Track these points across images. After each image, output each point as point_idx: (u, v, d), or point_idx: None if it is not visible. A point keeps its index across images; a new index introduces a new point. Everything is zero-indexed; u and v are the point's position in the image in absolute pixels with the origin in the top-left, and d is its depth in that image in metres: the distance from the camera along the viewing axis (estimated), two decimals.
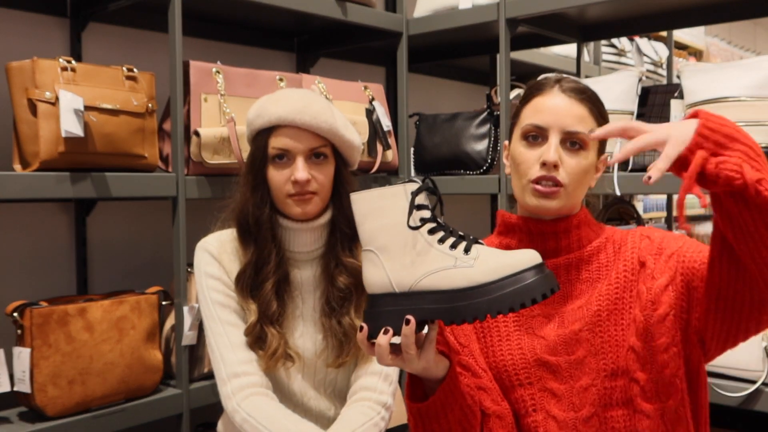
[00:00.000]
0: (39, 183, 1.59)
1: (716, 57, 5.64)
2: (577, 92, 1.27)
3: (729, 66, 1.80)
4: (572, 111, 1.25)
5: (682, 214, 1.10)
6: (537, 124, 1.25)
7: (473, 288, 1.06)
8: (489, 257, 1.08)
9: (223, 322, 1.50)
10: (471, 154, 2.33)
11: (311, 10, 2.13)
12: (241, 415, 1.43)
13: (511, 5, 2.19)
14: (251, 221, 1.50)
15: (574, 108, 1.25)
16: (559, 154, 1.23)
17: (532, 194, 1.24)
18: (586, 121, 1.25)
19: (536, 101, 1.28)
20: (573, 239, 1.29)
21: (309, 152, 1.48)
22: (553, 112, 1.25)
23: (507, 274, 1.06)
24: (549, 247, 1.29)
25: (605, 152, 1.34)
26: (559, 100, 1.26)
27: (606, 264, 1.29)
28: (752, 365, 1.72)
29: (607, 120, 1.31)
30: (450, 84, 3.23)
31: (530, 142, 1.26)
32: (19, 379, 1.57)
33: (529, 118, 1.27)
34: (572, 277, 1.29)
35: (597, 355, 1.23)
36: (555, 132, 1.24)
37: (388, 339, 1.09)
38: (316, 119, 1.46)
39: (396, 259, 1.10)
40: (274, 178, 1.49)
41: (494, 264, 1.07)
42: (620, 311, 1.25)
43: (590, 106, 1.27)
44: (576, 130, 1.24)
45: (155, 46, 2.17)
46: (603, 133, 1.14)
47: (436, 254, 1.09)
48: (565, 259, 1.29)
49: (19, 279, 1.94)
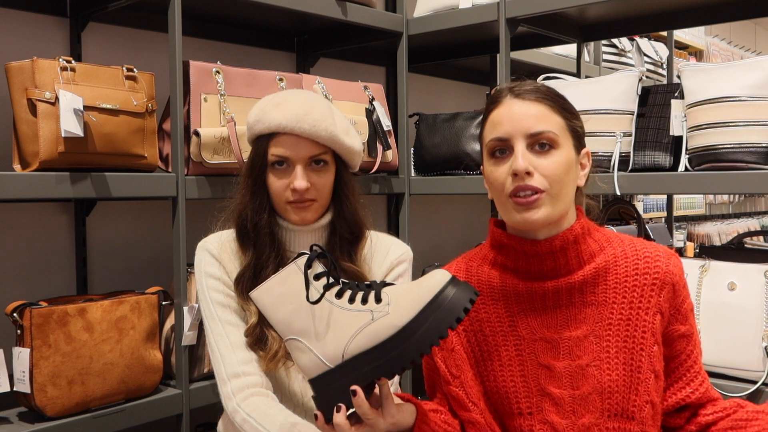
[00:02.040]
0: (39, 183, 1.59)
1: (716, 57, 5.64)
2: (531, 92, 1.21)
3: (729, 66, 1.80)
4: (530, 112, 1.19)
5: None
6: (498, 137, 1.19)
7: (398, 333, 1.04)
8: (401, 297, 1.06)
9: (223, 322, 1.49)
10: (471, 154, 2.33)
11: (311, 10, 2.13)
12: (241, 415, 1.42)
13: (511, 5, 2.19)
14: (250, 225, 1.50)
15: (531, 108, 1.19)
16: (528, 160, 1.16)
17: (514, 209, 1.18)
18: (548, 118, 1.19)
19: (493, 115, 1.22)
20: (572, 256, 1.22)
21: (308, 160, 1.48)
22: (510, 119, 1.19)
23: (423, 306, 1.04)
24: (547, 268, 1.22)
25: (585, 146, 1.28)
26: (515, 106, 1.20)
27: (614, 287, 1.22)
28: (752, 365, 1.72)
29: (573, 113, 1.25)
30: (450, 84, 3.23)
31: (498, 157, 1.21)
32: (18, 379, 1.57)
33: (489, 133, 1.22)
34: (576, 300, 1.22)
35: (602, 393, 1.19)
36: (518, 139, 1.18)
37: (343, 416, 1.07)
38: (315, 127, 1.45)
39: (317, 336, 1.08)
40: (273, 184, 1.49)
41: (408, 301, 1.05)
42: (631, 351, 1.20)
43: (548, 102, 1.21)
44: (539, 130, 1.18)
45: (155, 46, 2.17)
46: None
47: (350, 316, 1.07)
48: (566, 281, 1.22)
49: (19, 279, 1.93)
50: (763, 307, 1.72)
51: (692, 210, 5.77)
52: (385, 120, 2.30)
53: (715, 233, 5.68)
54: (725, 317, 1.76)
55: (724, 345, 1.75)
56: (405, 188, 2.47)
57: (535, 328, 1.24)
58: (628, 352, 1.20)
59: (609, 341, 1.20)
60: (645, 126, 2.04)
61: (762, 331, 1.71)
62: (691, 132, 1.86)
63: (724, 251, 1.99)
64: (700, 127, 1.82)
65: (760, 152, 1.73)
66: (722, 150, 1.77)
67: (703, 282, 1.82)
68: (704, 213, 6.03)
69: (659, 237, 2.87)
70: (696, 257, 1.91)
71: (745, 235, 2.06)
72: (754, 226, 6.26)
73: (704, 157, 1.82)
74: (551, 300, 1.23)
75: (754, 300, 1.73)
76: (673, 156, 1.98)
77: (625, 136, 1.99)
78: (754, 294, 1.74)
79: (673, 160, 1.97)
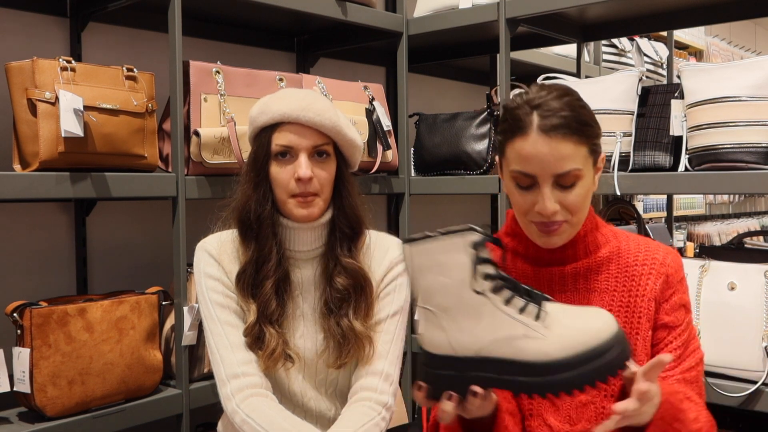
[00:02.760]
0: (39, 183, 1.59)
1: (716, 57, 5.63)
2: (559, 128, 1.18)
3: (729, 66, 1.80)
4: (558, 153, 1.17)
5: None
6: (525, 173, 1.20)
7: (545, 364, 0.97)
8: (561, 326, 0.99)
9: (222, 322, 1.49)
10: (471, 154, 2.33)
11: (311, 10, 2.13)
12: (240, 416, 1.42)
13: (511, 5, 2.19)
14: (253, 218, 1.50)
15: (559, 149, 1.17)
16: (554, 197, 1.19)
17: (536, 233, 1.23)
18: (574, 155, 1.19)
19: (518, 145, 1.20)
20: (580, 247, 1.28)
21: (312, 149, 1.48)
22: (538, 159, 1.18)
23: (582, 351, 0.97)
24: (556, 257, 1.28)
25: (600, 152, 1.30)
26: (541, 146, 1.17)
27: (616, 275, 1.28)
28: (752, 365, 1.72)
29: (596, 131, 1.25)
30: (450, 84, 3.23)
31: (522, 187, 1.22)
32: (18, 379, 1.57)
33: (515, 163, 1.21)
34: (580, 286, 1.28)
35: None
36: (545, 179, 1.18)
37: (453, 406, 1.05)
38: (320, 116, 1.47)
39: (457, 321, 1.01)
40: (277, 175, 1.49)
41: (568, 336, 0.98)
42: (628, 335, 1.21)
43: (576, 137, 1.19)
44: (566, 170, 1.18)
45: (155, 46, 2.17)
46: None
47: (503, 319, 1.00)
48: (572, 267, 1.28)
49: (19, 279, 1.93)
50: (763, 307, 1.72)
51: (692, 210, 5.77)
52: (385, 120, 2.30)
53: (715, 233, 5.68)
54: (725, 317, 1.76)
55: (724, 345, 1.75)
56: (405, 188, 2.47)
57: None
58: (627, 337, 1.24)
59: None
60: (645, 126, 2.04)
61: (762, 331, 1.71)
62: (691, 132, 1.86)
63: (724, 251, 1.99)
64: (700, 127, 1.82)
65: (760, 152, 1.73)
66: (722, 150, 1.77)
67: (703, 282, 1.82)
68: (704, 213, 6.02)
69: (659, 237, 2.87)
70: (696, 257, 1.91)
71: (745, 235, 2.06)
72: (754, 226, 6.25)
73: (704, 157, 1.82)
74: (558, 285, 1.29)
75: (754, 300, 1.73)
76: (673, 156, 1.98)
77: (625, 136, 1.99)
78: (754, 294, 1.74)
79: (673, 160, 1.97)
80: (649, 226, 2.75)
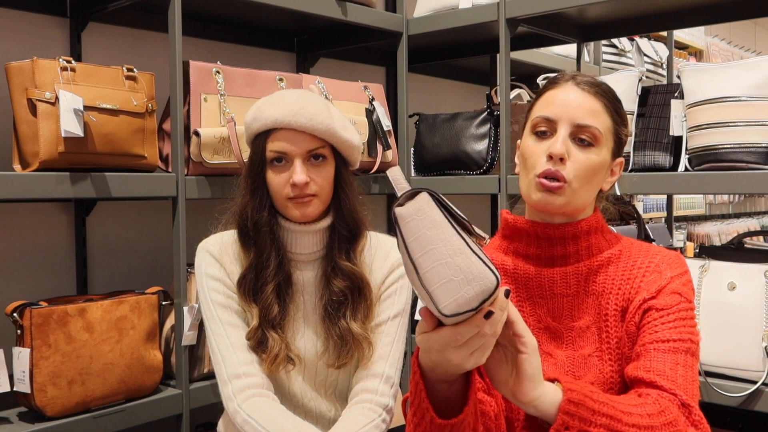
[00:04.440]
0: (39, 183, 1.59)
1: (716, 57, 5.64)
2: (592, 86, 1.23)
3: (729, 66, 1.80)
4: (584, 104, 1.21)
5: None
6: (546, 116, 1.22)
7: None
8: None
9: (223, 323, 1.49)
10: (471, 154, 2.32)
11: (311, 10, 2.13)
12: (242, 416, 1.42)
13: (511, 5, 2.19)
14: (250, 225, 1.50)
15: (586, 101, 1.21)
16: (566, 146, 1.19)
17: (537, 188, 1.21)
18: (598, 115, 1.21)
19: (548, 94, 1.25)
20: (582, 246, 1.25)
21: (307, 154, 1.48)
22: (563, 103, 1.21)
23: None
24: (557, 254, 1.25)
25: (622, 156, 1.29)
26: (572, 93, 1.22)
27: (613, 277, 1.24)
28: (752, 365, 1.72)
29: (624, 119, 1.27)
30: (450, 84, 3.23)
31: (539, 136, 1.23)
32: (18, 379, 1.57)
33: (539, 110, 1.24)
34: (580, 288, 1.25)
35: (604, 384, 1.20)
36: (564, 124, 1.20)
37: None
38: (312, 121, 1.46)
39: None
40: (272, 181, 1.49)
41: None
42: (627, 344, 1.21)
43: (605, 101, 1.23)
44: (587, 123, 1.20)
45: (155, 46, 2.17)
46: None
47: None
48: (573, 267, 1.25)
49: (19, 279, 1.93)
50: (763, 307, 1.72)
51: (692, 210, 5.77)
52: (385, 120, 2.30)
53: (715, 233, 5.68)
54: (725, 317, 1.76)
55: (724, 345, 1.75)
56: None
57: (541, 316, 1.26)
58: (625, 345, 1.21)
59: (608, 333, 1.21)
60: (645, 126, 2.04)
61: (762, 331, 1.71)
62: (691, 132, 1.86)
63: (724, 251, 1.99)
64: (700, 127, 1.82)
65: (760, 152, 1.73)
66: (722, 150, 1.77)
67: (703, 282, 1.82)
68: (704, 213, 6.02)
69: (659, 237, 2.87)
70: (696, 257, 1.90)
71: (745, 235, 2.06)
72: (754, 226, 6.25)
73: (704, 157, 1.82)
74: (559, 287, 1.26)
75: (754, 300, 1.73)
76: (673, 156, 1.98)
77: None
78: (754, 294, 1.74)
79: (673, 160, 1.97)
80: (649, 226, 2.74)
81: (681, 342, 1.16)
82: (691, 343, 1.17)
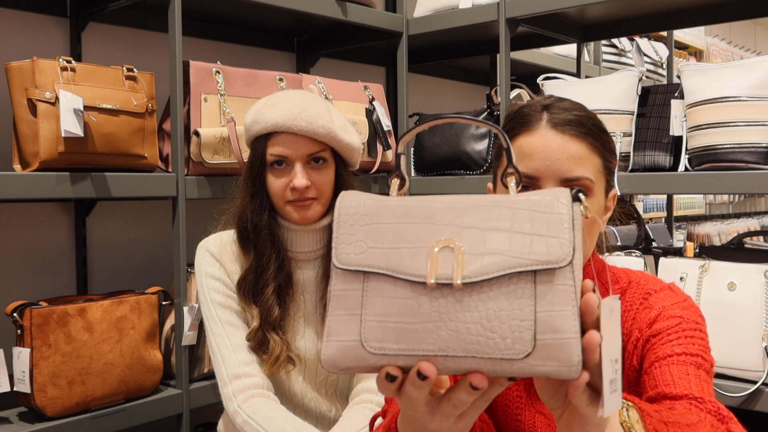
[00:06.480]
0: (39, 183, 1.59)
1: (716, 57, 5.64)
2: (573, 125, 1.01)
3: (729, 66, 1.80)
4: (568, 151, 1.00)
5: None
6: (527, 174, 1.00)
7: None
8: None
9: (223, 323, 1.49)
10: (471, 154, 2.33)
11: (311, 10, 2.13)
12: (242, 416, 1.42)
13: (511, 5, 2.19)
14: (250, 227, 1.50)
15: (570, 147, 1.00)
16: None
17: None
18: (586, 161, 1.01)
19: (523, 141, 1.02)
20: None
21: (307, 158, 1.48)
22: (543, 156, 1.00)
23: None
24: None
25: (614, 186, 1.12)
26: (550, 140, 1.00)
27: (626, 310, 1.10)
28: (752, 365, 1.72)
29: (612, 148, 1.09)
30: (450, 84, 3.23)
31: (524, 190, 1.01)
32: (18, 379, 1.57)
33: (517, 163, 1.02)
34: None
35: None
36: (549, 182, 1.00)
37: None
38: (312, 125, 1.45)
39: None
40: (272, 184, 1.49)
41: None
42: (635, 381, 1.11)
43: (590, 140, 1.02)
44: (576, 176, 1.00)
45: (155, 46, 2.17)
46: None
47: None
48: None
49: (19, 279, 1.93)
50: (763, 307, 1.72)
51: (692, 210, 5.77)
52: (385, 120, 2.30)
53: (715, 233, 5.68)
54: (725, 317, 1.76)
55: (724, 345, 1.75)
56: None
57: None
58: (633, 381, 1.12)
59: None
60: (645, 126, 2.04)
61: (762, 331, 1.71)
62: (691, 132, 1.86)
63: (724, 251, 1.99)
64: (700, 127, 1.82)
65: (760, 152, 1.74)
66: (722, 150, 1.77)
67: (703, 282, 1.82)
68: (704, 213, 6.03)
69: (659, 237, 2.87)
70: (696, 257, 1.91)
71: (745, 235, 2.06)
72: (754, 226, 6.25)
73: (704, 157, 1.82)
74: None
75: (754, 300, 1.73)
76: (673, 156, 1.98)
77: (625, 136, 2.00)
78: (754, 294, 1.74)
79: (673, 160, 1.97)
80: (649, 226, 2.74)
81: (688, 356, 1.02)
82: (702, 359, 1.03)
